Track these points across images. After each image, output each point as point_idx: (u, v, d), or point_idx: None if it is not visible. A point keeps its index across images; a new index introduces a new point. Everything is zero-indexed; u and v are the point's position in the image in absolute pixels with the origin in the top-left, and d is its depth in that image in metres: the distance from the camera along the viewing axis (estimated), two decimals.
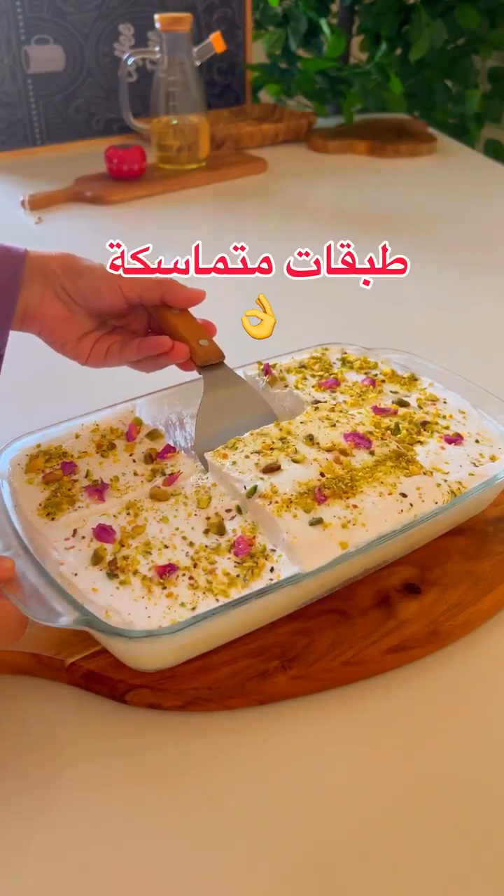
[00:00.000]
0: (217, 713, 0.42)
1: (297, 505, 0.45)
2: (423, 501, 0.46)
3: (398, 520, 0.45)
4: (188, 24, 1.25)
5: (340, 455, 0.48)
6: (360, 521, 0.44)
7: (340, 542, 0.43)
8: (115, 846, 0.36)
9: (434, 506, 0.46)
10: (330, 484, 0.46)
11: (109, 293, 0.55)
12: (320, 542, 0.43)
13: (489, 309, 0.91)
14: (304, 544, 0.42)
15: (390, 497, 0.46)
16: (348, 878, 0.35)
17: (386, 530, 0.44)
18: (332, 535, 0.43)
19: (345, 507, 0.45)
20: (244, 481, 0.47)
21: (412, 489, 0.46)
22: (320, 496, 0.45)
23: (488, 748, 0.40)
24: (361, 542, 0.43)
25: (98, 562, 0.42)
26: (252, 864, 0.35)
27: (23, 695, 0.43)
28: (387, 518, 0.45)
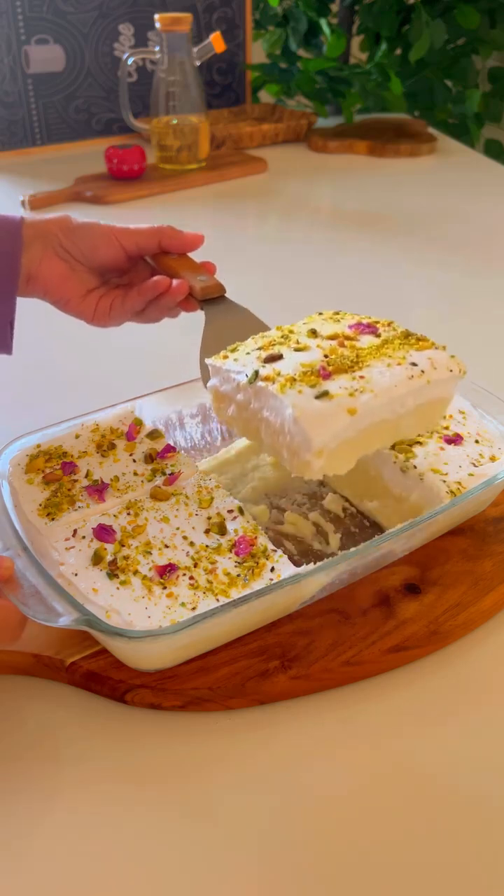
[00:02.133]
0: (217, 713, 0.42)
1: (301, 382, 0.43)
2: (436, 369, 0.44)
3: (408, 385, 0.43)
4: (188, 24, 1.24)
5: (345, 340, 0.47)
6: (367, 388, 0.42)
7: (348, 409, 0.41)
8: (115, 846, 0.36)
9: (448, 373, 0.45)
10: (334, 361, 0.44)
11: (107, 247, 0.56)
12: (327, 411, 0.41)
13: (489, 309, 0.91)
14: (311, 415, 0.41)
15: (399, 367, 0.44)
16: (348, 877, 0.35)
17: (396, 395, 0.43)
18: (339, 404, 0.41)
19: (351, 379, 0.43)
20: (245, 371, 0.45)
21: (423, 359, 0.45)
22: (325, 373, 0.43)
23: (489, 748, 0.40)
24: (371, 408, 0.42)
25: (98, 562, 0.42)
26: (252, 865, 0.35)
27: (23, 695, 0.43)
28: (396, 383, 0.43)
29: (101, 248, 0.56)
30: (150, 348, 0.79)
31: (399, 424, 0.45)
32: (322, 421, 0.41)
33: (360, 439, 0.43)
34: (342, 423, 0.41)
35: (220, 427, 0.62)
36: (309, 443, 0.41)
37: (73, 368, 0.60)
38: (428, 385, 0.44)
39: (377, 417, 0.43)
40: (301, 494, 0.56)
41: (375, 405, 0.42)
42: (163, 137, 1.32)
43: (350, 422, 0.41)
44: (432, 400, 0.46)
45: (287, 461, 0.44)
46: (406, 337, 0.47)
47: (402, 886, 0.34)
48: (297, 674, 0.42)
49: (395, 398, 0.43)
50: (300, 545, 0.52)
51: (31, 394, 0.72)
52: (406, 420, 0.45)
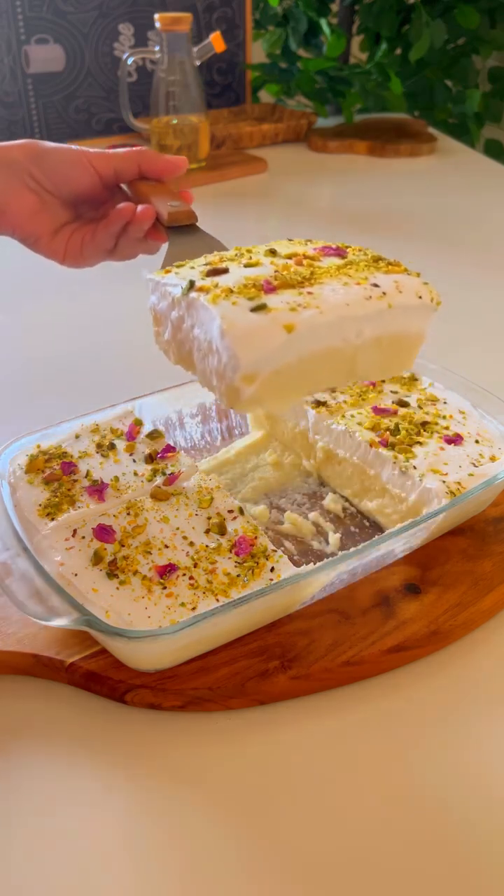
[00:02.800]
0: (217, 713, 0.42)
1: (238, 294, 0.37)
2: (401, 293, 0.38)
3: (364, 307, 0.37)
4: (188, 24, 1.24)
5: (305, 259, 0.41)
6: (312, 304, 0.36)
7: (285, 325, 0.35)
8: (115, 846, 0.36)
9: (417, 301, 0.39)
10: (283, 276, 0.38)
11: (81, 173, 0.50)
12: (260, 326, 0.35)
13: (489, 308, 0.91)
14: (241, 330, 0.35)
15: (357, 287, 0.38)
16: (348, 877, 0.35)
17: (347, 316, 0.37)
18: (274, 319, 0.35)
19: (297, 294, 0.37)
20: (181, 284, 0.39)
21: (387, 281, 0.39)
22: (268, 286, 0.37)
23: (489, 748, 0.40)
24: (314, 328, 0.36)
25: (98, 562, 0.42)
26: (252, 865, 0.35)
27: (22, 695, 0.43)
28: (348, 302, 0.37)
29: (74, 175, 0.50)
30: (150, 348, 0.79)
31: (355, 359, 0.39)
32: (253, 337, 0.35)
33: (304, 370, 0.37)
34: (277, 342, 0.35)
35: (220, 427, 0.62)
36: (236, 362, 0.35)
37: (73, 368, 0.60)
38: (389, 311, 0.38)
39: (323, 342, 0.37)
40: (301, 494, 0.56)
41: (320, 324, 0.36)
42: (163, 137, 1.32)
43: (286, 340, 0.35)
44: (397, 334, 0.39)
45: (217, 391, 0.38)
46: (376, 261, 0.41)
47: (402, 886, 0.34)
48: (297, 674, 0.42)
49: (345, 320, 0.37)
50: (300, 545, 0.52)
51: (30, 394, 0.72)
52: (364, 355, 0.39)
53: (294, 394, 0.38)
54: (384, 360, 0.40)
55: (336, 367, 0.38)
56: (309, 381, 0.38)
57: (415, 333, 0.40)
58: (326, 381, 0.39)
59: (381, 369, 0.40)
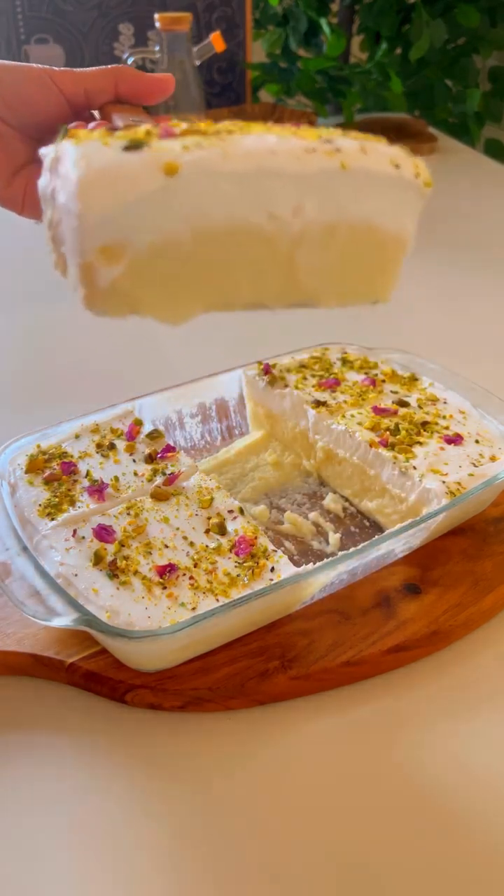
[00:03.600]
0: (217, 714, 0.42)
1: (120, 138, 0.26)
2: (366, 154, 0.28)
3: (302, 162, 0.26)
4: (188, 24, 1.24)
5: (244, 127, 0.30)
6: (218, 146, 0.26)
7: (165, 164, 0.24)
8: (115, 846, 0.36)
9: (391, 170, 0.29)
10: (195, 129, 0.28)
11: (42, 95, 0.41)
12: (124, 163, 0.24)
13: (489, 308, 0.91)
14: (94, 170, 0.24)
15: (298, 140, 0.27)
16: (348, 878, 0.35)
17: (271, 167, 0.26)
18: (153, 158, 0.24)
19: (201, 137, 0.26)
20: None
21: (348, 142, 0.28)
22: (168, 132, 0.27)
23: (491, 747, 0.40)
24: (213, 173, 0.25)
25: (98, 562, 0.42)
26: (252, 865, 0.35)
27: (22, 695, 0.43)
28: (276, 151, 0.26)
29: (35, 97, 0.40)
30: (150, 348, 0.79)
31: (292, 258, 0.27)
32: (110, 177, 0.24)
33: (204, 259, 0.26)
34: (148, 187, 0.24)
35: (220, 427, 0.62)
36: (82, 214, 0.24)
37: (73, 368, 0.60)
38: (344, 175, 0.26)
39: (232, 210, 0.25)
40: (301, 494, 0.56)
41: (223, 174, 0.24)
42: None
43: (163, 186, 0.24)
44: (362, 224, 0.28)
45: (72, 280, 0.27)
46: (345, 130, 0.30)
47: (402, 886, 0.34)
48: (297, 674, 0.42)
49: (268, 175, 0.25)
50: (300, 545, 0.52)
51: (30, 394, 0.72)
52: (308, 254, 0.27)
53: (191, 298, 0.26)
54: (344, 270, 0.28)
55: (262, 265, 0.26)
56: (216, 283, 0.26)
57: (392, 232, 0.28)
58: (248, 289, 0.26)
59: (339, 284, 0.28)
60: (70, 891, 0.34)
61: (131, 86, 0.43)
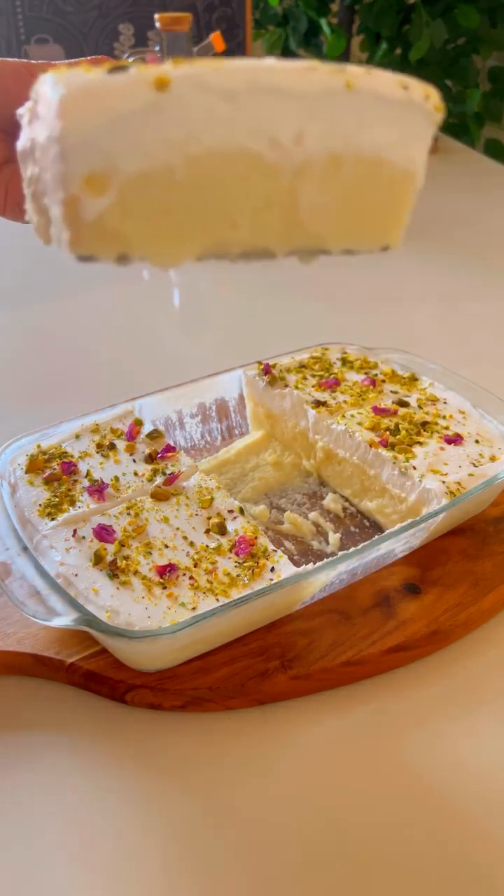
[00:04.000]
0: (217, 713, 0.42)
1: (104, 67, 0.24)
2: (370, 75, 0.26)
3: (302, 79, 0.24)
4: (188, 24, 1.24)
5: None
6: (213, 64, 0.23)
7: (155, 79, 0.22)
8: (115, 845, 0.36)
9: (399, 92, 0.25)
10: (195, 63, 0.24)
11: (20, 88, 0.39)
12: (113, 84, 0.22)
13: (489, 309, 0.91)
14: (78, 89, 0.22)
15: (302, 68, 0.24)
16: (348, 878, 0.35)
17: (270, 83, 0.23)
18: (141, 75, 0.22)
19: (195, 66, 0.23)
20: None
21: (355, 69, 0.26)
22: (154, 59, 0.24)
23: (490, 747, 0.40)
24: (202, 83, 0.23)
25: (98, 562, 0.42)
26: (252, 865, 0.35)
27: (22, 695, 0.43)
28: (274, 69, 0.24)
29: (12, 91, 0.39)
30: (150, 348, 0.79)
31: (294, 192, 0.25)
32: (97, 96, 0.22)
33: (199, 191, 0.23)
34: (137, 102, 0.22)
35: (220, 427, 0.62)
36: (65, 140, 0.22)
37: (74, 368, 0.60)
38: (349, 97, 0.24)
39: (228, 134, 0.23)
40: (301, 494, 0.56)
41: (215, 87, 0.22)
42: None
43: (153, 101, 0.22)
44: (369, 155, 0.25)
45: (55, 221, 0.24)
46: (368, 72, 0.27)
47: (402, 886, 0.34)
48: (297, 674, 0.42)
49: (266, 94, 0.23)
50: (300, 545, 0.52)
51: (30, 394, 0.72)
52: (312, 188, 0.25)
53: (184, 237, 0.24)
54: (350, 209, 0.25)
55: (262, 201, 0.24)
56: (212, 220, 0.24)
57: (401, 166, 0.25)
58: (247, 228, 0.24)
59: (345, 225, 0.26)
60: (70, 890, 0.34)
61: None
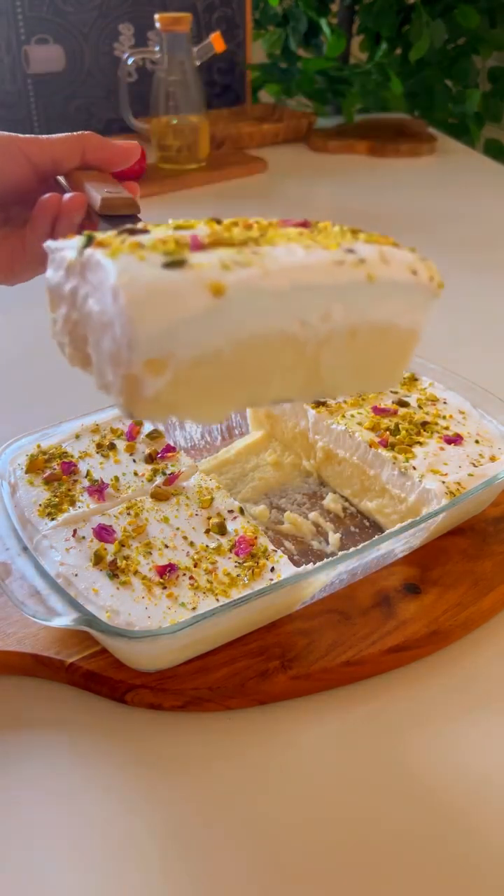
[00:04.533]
0: (217, 713, 0.42)
1: (151, 250, 0.27)
2: (387, 264, 0.29)
3: (332, 274, 0.27)
4: (188, 24, 1.24)
5: (253, 224, 0.31)
6: (256, 262, 0.26)
7: (211, 285, 0.25)
8: (115, 845, 0.36)
9: (409, 277, 0.29)
10: (218, 234, 0.28)
11: (9, 163, 0.41)
12: (174, 285, 0.25)
13: (490, 308, 0.91)
14: (142, 289, 0.25)
15: (324, 251, 0.28)
16: (347, 879, 0.35)
17: (307, 282, 0.27)
18: (198, 278, 0.25)
19: (235, 252, 0.27)
20: (76, 245, 0.29)
21: (369, 250, 0.29)
22: (197, 243, 0.27)
23: (491, 748, 0.40)
24: (255, 294, 0.26)
25: (98, 562, 0.42)
26: (251, 865, 0.35)
27: (22, 695, 0.43)
28: (310, 266, 0.27)
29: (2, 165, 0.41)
30: None
31: (318, 359, 0.28)
32: (160, 298, 0.25)
33: (241, 366, 0.27)
34: (197, 308, 0.25)
35: (220, 427, 0.62)
36: (133, 334, 0.24)
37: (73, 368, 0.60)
38: (370, 286, 0.28)
39: (269, 321, 0.26)
40: (301, 494, 0.56)
41: (264, 291, 0.26)
42: (162, 137, 1.32)
43: (211, 308, 0.25)
44: (381, 325, 0.29)
45: (112, 387, 0.27)
46: (354, 233, 0.32)
47: (402, 886, 0.34)
48: (297, 674, 0.42)
49: (304, 290, 0.26)
50: (300, 545, 0.52)
51: (30, 394, 0.72)
52: (333, 354, 0.28)
53: (225, 401, 0.28)
54: (361, 366, 0.30)
55: (290, 366, 0.28)
56: (249, 385, 0.28)
57: (406, 328, 0.30)
58: (276, 387, 0.28)
59: (356, 378, 0.30)
60: (69, 890, 0.34)
61: (98, 154, 0.44)
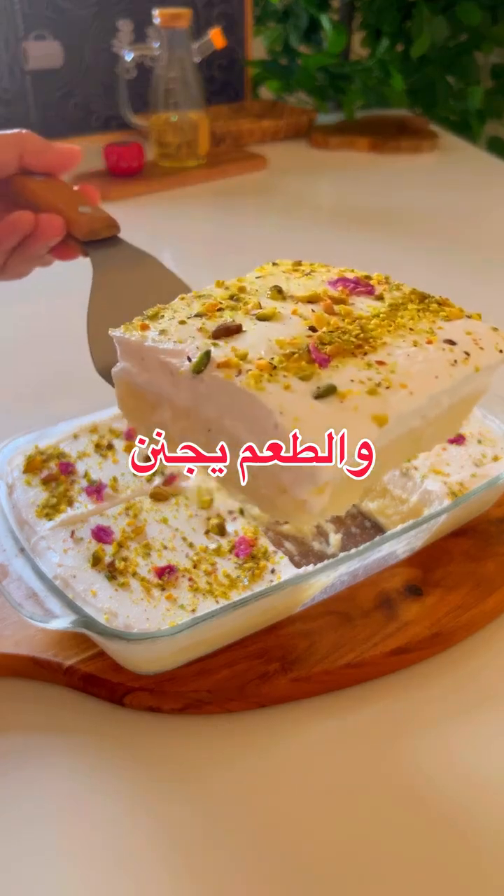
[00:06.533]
0: (217, 716, 0.41)
1: (285, 371, 0.28)
2: (483, 350, 0.32)
3: (452, 375, 0.30)
4: (187, 20, 1.24)
5: (334, 304, 0.33)
6: (396, 381, 0.28)
7: (374, 416, 0.27)
8: (114, 849, 0.35)
9: (498, 355, 0.32)
10: (330, 338, 0.30)
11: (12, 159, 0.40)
12: (342, 421, 0.27)
13: (492, 306, 0.91)
14: (314, 427, 0.26)
15: (431, 346, 0.31)
16: (348, 881, 0.34)
17: (437, 390, 0.30)
18: (357, 408, 0.27)
19: (365, 367, 0.29)
20: (186, 351, 0.30)
21: (460, 334, 0.32)
22: (320, 356, 0.29)
23: (493, 750, 0.40)
24: (405, 412, 0.28)
25: (97, 563, 0.42)
26: (251, 868, 0.35)
27: (20, 697, 0.42)
28: (437, 373, 0.30)
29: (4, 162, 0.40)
30: None
31: (423, 434, 0.32)
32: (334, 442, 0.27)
33: (376, 463, 0.30)
34: (365, 437, 0.28)
35: None
36: (312, 476, 0.27)
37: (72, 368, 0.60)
38: (476, 374, 0.31)
39: (406, 427, 0.30)
40: None
41: (413, 411, 0.29)
42: (162, 134, 1.31)
43: (375, 437, 0.28)
44: (470, 395, 0.34)
45: (265, 502, 0.30)
46: (422, 300, 0.34)
47: (403, 889, 0.34)
48: (298, 676, 0.42)
49: (435, 396, 0.30)
50: (300, 546, 0.51)
51: (28, 394, 0.72)
52: (431, 428, 0.32)
53: (360, 493, 0.31)
54: (446, 425, 0.33)
55: (405, 448, 0.31)
56: (373, 476, 0.30)
57: (481, 391, 0.34)
58: (391, 465, 0.32)
59: (442, 434, 0.33)
60: (67, 893, 0.34)
61: (37, 158, 0.42)
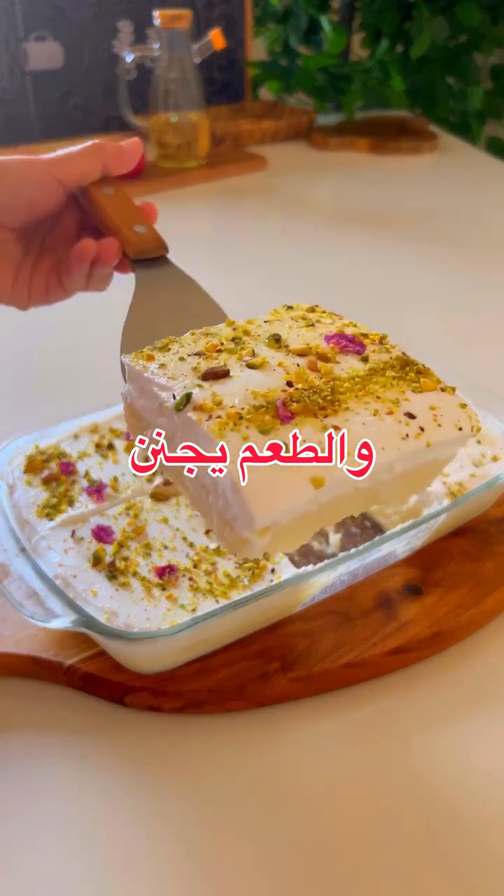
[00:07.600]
0: (217, 716, 0.41)
1: (249, 423, 0.31)
2: (440, 427, 0.34)
3: (400, 447, 0.33)
4: (187, 21, 1.24)
5: (318, 360, 0.35)
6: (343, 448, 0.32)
7: (313, 479, 0.31)
8: (114, 848, 0.36)
9: (456, 433, 0.35)
10: (300, 396, 0.33)
11: (45, 191, 0.41)
12: (283, 481, 0.30)
13: (491, 307, 0.91)
14: (258, 485, 0.30)
15: (389, 417, 0.33)
16: (347, 881, 0.34)
17: (381, 462, 0.32)
18: (300, 472, 0.31)
19: (321, 429, 0.32)
20: (174, 389, 0.33)
21: (423, 409, 0.34)
22: (285, 412, 0.32)
23: (493, 750, 0.40)
24: (344, 479, 0.31)
25: (97, 563, 0.42)
26: (252, 868, 0.35)
27: (21, 697, 0.42)
28: (384, 445, 0.32)
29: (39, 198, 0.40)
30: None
31: (378, 492, 0.35)
32: (273, 493, 0.30)
33: (322, 513, 0.33)
34: (302, 499, 0.31)
35: None
36: (251, 521, 0.30)
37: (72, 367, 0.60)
38: (427, 449, 0.34)
39: (350, 488, 0.33)
40: None
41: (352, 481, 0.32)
42: (162, 135, 1.31)
43: (312, 496, 0.31)
44: (427, 463, 0.36)
45: (216, 529, 0.34)
46: (403, 367, 0.37)
47: (404, 888, 0.34)
48: (298, 676, 0.42)
49: (379, 466, 0.32)
50: (300, 546, 0.51)
51: (29, 394, 0.72)
52: (389, 487, 0.35)
53: (307, 533, 0.34)
54: (408, 486, 0.36)
55: (357, 502, 0.34)
56: (325, 520, 0.34)
57: (445, 459, 0.36)
58: (343, 514, 0.35)
59: (402, 494, 0.37)
60: (69, 893, 0.34)
61: (116, 161, 0.45)
